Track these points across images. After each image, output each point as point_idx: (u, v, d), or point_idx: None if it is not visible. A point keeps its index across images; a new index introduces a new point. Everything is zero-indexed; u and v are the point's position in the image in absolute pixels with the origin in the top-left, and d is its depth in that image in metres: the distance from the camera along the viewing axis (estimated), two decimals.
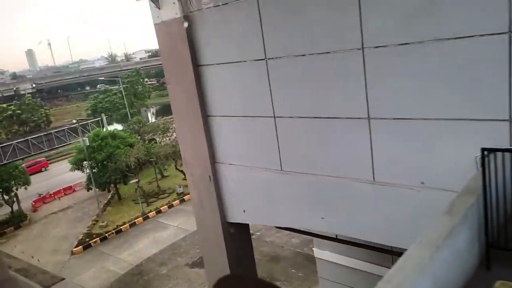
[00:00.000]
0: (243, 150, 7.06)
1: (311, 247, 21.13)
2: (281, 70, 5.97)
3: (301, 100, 5.88)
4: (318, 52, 5.39)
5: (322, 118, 5.67)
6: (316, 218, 6.24)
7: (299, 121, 6.01)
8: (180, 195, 31.19)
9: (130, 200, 32.03)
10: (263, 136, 6.52)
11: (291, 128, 6.18)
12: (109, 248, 24.84)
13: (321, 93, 5.60)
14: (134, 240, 25.21)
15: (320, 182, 6.01)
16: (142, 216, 28.38)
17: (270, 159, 6.54)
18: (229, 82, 6.82)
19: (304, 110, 5.89)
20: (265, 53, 5.93)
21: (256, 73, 6.22)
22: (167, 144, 31.87)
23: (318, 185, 6.07)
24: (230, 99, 6.91)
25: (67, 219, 31.51)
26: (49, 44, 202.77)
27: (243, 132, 6.94)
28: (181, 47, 7.05)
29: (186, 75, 7.21)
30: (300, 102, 5.90)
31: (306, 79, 5.73)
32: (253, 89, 6.43)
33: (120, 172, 29.79)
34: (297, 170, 6.28)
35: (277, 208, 6.87)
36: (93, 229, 27.63)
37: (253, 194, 7.17)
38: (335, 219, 6.03)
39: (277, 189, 6.68)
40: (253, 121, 6.60)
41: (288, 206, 6.65)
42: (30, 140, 32.52)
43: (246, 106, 6.72)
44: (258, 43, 5.98)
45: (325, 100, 5.61)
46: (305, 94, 5.78)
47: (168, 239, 24.24)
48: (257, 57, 6.09)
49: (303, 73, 5.75)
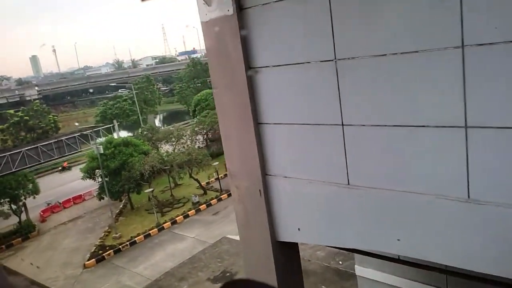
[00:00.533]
0: (301, 162, 6.52)
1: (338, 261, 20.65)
2: (354, 72, 5.42)
3: (378, 106, 5.31)
4: (403, 51, 4.84)
5: (405, 126, 5.10)
6: (389, 240, 5.66)
7: (374, 130, 5.44)
8: (195, 204, 30.75)
9: (143, 210, 31.65)
10: (327, 146, 5.98)
11: (363, 137, 5.61)
12: (124, 261, 24.40)
13: (405, 98, 5.04)
14: (150, 253, 24.75)
15: (397, 199, 5.43)
16: (157, 227, 27.91)
17: (334, 172, 5.99)
18: (287, 86, 6.29)
19: (381, 118, 5.32)
20: (334, 54, 5.41)
21: (321, 76, 5.69)
22: (182, 152, 31.46)
23: (394, 202, 5.49)
24: (287, 105, 6.38)
25: (78, 229, 31.19)
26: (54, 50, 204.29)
27: (301, 142, 6.40)
28: (233, 48, 6.56)
29: (237, 78, 6.69)
30: (377, 108, 5.32)
31: (386, 82, 5.17)
32: (316, 94, 5.90)
33: (134, 181, 29.42)
34: (369, 184, 5.71)
35: (340, 227, 6.31)
36: (106, 241, 27.23)
37: (311, 210, 6.62)
38: (416, 241, 5.44)
39: (342, 206, 6.12)
40: (314, 129, 6.06)
41: (354, 225, 6.09)
42: (40, 147, 32.31)
43: (306, 112, 6.18)
44: (326, 42, 5.45)
45: (409, 107, 5.04)
46: (384, 99, 5.22)
47: (186, 252, 23.73)
48: (324, 58, 5.56)
49: (383, 76, 5.18)
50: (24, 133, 53.88)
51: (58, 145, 33.30)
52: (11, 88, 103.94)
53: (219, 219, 28.19)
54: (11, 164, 30.65)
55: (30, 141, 51.15)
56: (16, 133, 53.31)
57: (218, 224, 27.42)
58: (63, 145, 33.56)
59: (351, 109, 5.55)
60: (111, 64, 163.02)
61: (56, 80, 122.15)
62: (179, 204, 31.68)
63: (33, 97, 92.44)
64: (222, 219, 28.09)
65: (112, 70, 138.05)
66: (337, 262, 19.37)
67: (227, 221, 27.60)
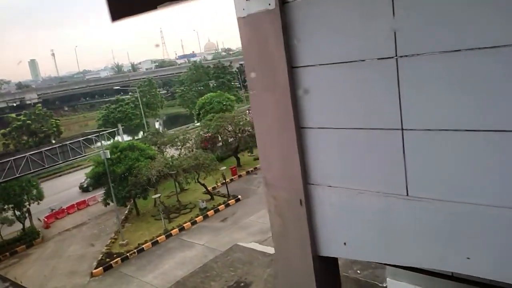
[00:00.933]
0: (349, 170, 5.97)
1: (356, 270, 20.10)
2: (418, 71, 4.88)
3: (449, 108, 4.76)
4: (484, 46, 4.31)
5: (483, 131, 4.56)
6: (457, 258, 5.11)
7: (442, 135, 4.90)
8: (203, 210, 30.20)
9: (150, 216, 31.16)
10: (382, 153, 5.43)
11: (427, 143, 5.06)
12: (132, 269, 23.85)
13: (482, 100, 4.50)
14: (159, 261, 24.19)
15: (469, 213, 4.89)
16: (164, 234, 27.36)
17: (390, 182, 5.44)
18: (336, 87, 5.75)
19: (453, 122, 4.78)
20: (395, 50, 4.88)
21: (378, 76, 5.16)
22: (189, 157, 30.95)
23: (466, 217, 4.94)
24: (336, 108, 5.83)
25: (83, 236, 30.67)
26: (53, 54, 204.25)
27: (351, 148, 5.85)
28: (274, 46, 6.02)
29: (277, 78, 6.15)
30: (448, 111, 4.78)
31: (459, 82, 4.63)
32: (371, 96, 5.35)
33: (140, 186, 28.90)
34: (433, 196, 5.16)
35: (395, 243, 5.75)
36: (113, 248, 26.68)
37: (360, 223, 6.07)
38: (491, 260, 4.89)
39: (398, 219, 5.57)
40: (368, 134, 5.53)
41: (414, 241, 5.53)
42: (44, 152, 31.81)
43: (358, 116, 5.64)
44: (385, 37, 4.92)
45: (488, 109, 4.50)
46: (456, 101, 4.68)
47: (196, 260, 23.17)
48: (382, 55, 5.03)
49: (455, 75, 4.64)
50: (26, 137, 53.45)
51: (62, 150, 32.81)
52: (11, 92, 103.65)
53: (228, 226, 27.65)
54: (15, 169, 30.14)
55: (32, 145, 50.69)
56: (18, 137, 52.93)
57: (227, 231, 26.88)
58: (68, 149, 33.04)
59: (414, 112, 4.99)
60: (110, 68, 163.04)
61: (56, 84, 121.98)
62: (186, 210, 31.13)
63: (33, 101, 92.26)
64: (231, 226, 27.55)
65: (112, 74, 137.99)
66: (355, 271, 18.83)
67: (236, 228, 27.08)
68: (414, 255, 5.67)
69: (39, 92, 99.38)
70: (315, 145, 6.36)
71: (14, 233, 30.99)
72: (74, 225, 33.03)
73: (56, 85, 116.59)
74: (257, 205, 30.21)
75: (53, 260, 27.09)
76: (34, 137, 53.71)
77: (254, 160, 41.74)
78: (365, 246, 6.30)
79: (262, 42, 6.50)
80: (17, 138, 53.15)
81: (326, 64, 5.82)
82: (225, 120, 38.23)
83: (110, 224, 31.77)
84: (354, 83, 5.52)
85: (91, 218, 33.90)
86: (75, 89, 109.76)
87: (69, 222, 33.79)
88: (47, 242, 30.76)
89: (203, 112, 45.86)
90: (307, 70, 6.08)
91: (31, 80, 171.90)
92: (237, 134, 38.70)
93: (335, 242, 6.81)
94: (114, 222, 31.69)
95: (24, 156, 30.89)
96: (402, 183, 5.36)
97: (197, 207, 30.94)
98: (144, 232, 28.31)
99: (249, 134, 38.89)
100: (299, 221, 7.09)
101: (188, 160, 30.25)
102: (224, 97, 47.38)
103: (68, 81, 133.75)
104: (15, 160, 30.47)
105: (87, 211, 35.68)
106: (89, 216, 34.48)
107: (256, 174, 38.19)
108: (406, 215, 5.43)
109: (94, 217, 34.05)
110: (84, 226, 32.64)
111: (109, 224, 31.71)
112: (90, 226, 32.51)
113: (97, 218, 33.72)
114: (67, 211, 35.63)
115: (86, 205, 36.67)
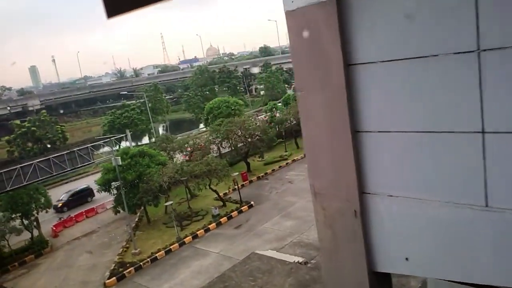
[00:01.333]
0: (414, 178, 5.47)
1: None
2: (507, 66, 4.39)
3: None
4: None
5: None
6: None
7: None
8: (216, 217, 29.71)
9: (161, 223, 30.71)
10: (456, 159, 4.93)
11: None
12: (147, 279, 23.37)
13: None
14: (174, 270, 23.69)
15: None
16: (178, 242, 26.88)
17: (465, 191, 4.95)
18: (400, 86, 5.24)
19: None
20: (477, 42, 4.40)
21: (455, 72, 4.67)
22: (201, 162, 30.48)
23: None
24: (399, 109, 5.33)
25: (93, 245, 30.22)
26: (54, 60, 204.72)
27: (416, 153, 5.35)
28: (328, 41, 5.52)
29: (331, 77, 5.65)
30: None
31: None
32: (445, 95, 4.87)
33: (152, 193, 28.44)
34: None
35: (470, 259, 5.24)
36: (125, 257, 26.20)
37: (426, 237, 5.56)
38: None
39: (474, 233, 5.07)
40: (438, 137, 5.04)
41: (491, 257, 5.03)
42: (51, 159, 31.39)
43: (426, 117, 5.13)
44: (465, 27, 4.45)
45: None
46: None
47: (212, 269, 22.67)
48: (460, 49, 4.54)
49: None
50: (31, 144, 53.10)
51: (70, 157, 32.36)
52: (12, 98, 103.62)
53: (243, 233, 27.15)
54: (22, 177, 29.73)
55: (38, 152, 50.37)
56: (23, 144, 52.62)
57: (241, 238, 26.38)
58: (76, 156, 32.61)
59: (499, 113, 4.49)
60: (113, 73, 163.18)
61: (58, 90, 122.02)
62: (198, 217, 30.66)
63: (36, 107, 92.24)
64: (245, 233, 27.05)
65: (114, 80, 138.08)
66: None
67: (251, 235, 26.59)
68: (491, 272, 5.13)
69: (42, 98, 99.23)
70: (373, 151, 5.81)
71: (22, 242, 30.52)
72: (83, 234, 32.60)
73: (59, 91, 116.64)
74: (271, 212, 29.75)
75: (64, 270, 26.63)
76: (39, 144, 53.38)
77: (264, 165, 41.33)
78: (432, 262, 5.74)
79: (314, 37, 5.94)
80: (21, 145, 52.83)
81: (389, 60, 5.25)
82: (235, 124, 37.80)
83: (120, 232, 31.33)
84: (423, 81, 4.98)
85: (101, 226, 33.47)
86: (78, 95, 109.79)
87: (78, 231, 33.38)
88: (56, 251, 30.33)
89: (211, 117, 45.50)
90: (366, 68, 5.52)
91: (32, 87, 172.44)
92: (247, 139, 38.26)
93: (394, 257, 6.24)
94: (124, 230, 31.27)
95: (31, 164, 30.50)
96: (480, 192, 4.82)
97: (209, 214, 30.47)
98: (157, 240, 27.85)
99: (259, 138, 38.47)
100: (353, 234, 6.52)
101: (200, 166, 29.79)
102: (233, 102, 47.00)
103: (70, 87, 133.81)
104: (22, 167, 30.09)
105: (96, 219, 35.26)
106: (98, 224, 34.06)
107: (267, 180, 37.73)
108: (484, 228, 4.90)
109: (104, 225, 33.63)
110: (93, 235, 32.21)
111: (119, 232, 31.26)
112: (99, 234, 32.06)
113: (106, 226, 33.29)
114: (76, 219, 35.22)
115: (94, 213, 36.30)
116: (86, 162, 33.77)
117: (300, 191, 32.45)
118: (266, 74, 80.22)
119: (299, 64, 6.79)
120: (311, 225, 26.14)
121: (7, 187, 29.10)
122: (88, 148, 33.68)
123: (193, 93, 71.53)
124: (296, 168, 39.41)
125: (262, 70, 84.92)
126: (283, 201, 31.36)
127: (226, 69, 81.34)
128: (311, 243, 23.66)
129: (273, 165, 40.96)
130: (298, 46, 6.55)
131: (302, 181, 35.05)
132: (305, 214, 28.17)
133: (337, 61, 5.77)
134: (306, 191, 32.97)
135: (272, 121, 43.51)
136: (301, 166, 40.00)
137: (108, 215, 34.52)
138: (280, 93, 78.94)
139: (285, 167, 40.44)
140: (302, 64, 6.72)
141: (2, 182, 28.84)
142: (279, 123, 43.39)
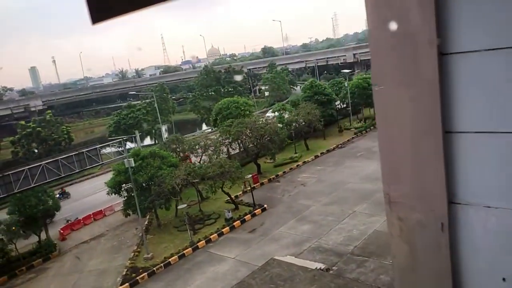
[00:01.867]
0: None
1: None
2: None
3: None
4: None
5: None
6: None
7: None
8: (229, 221, 28.95)
9: (172, 227, 29.93)
10: None
11: None
12: (161, 285, 22.67)
13: None
14: (188, 276, 22.94)
15: None
16: (191, 246, 26.07)
17: None
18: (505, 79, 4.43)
19: None
20: None
21: None
22: (214, 164, 29.68)
23: None
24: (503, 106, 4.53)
25: (102, 249, 29.48)
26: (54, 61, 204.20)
27: None
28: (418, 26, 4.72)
29: (420, 69, 4.84)
30: None
31: None
32: None
33: (164, 195, 27.66)
34: None
35: None
36: (137, 262, 25.43)
37: None
38: None
39: None
40: None
41: None
42: (60, 160, 30.63)
43: None
44: None
45: None
46: None
47: (229, 275, 21.90)
48: None
49: None
50: (36, 144, 52.26)
51: (79, 158, 31.62)
52: (14, 99, 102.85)
53: (257, 238, 26.37)
54: (30, 179, 28.97)
55: (42, 153, 49.56)
56: (28, 144, 51.80)
57: (257, 243, 25.61)
58: (84, 157, 31.86)
59: None
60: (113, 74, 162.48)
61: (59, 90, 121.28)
62: (210, 220, 29.89)
63: (38, 107, 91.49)
64: (260, 238, 26.27)
65: (116, 80, 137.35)
66: None
67: (266, 239, 25.82)
68: None
69: (44, 99, 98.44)
70: (468, 154, 4.94)
71: (29, 246, 29.79)
72: (91, 237, 31.89)
73: (60, 91, 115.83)
74: (285, 215, 28.97)
75: (74, 276, 25.93)
76: (44, 144, 52.55)
77: (274, 167, 40.50)
78: None
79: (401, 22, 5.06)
80: (26, 146, 52.01)
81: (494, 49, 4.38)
82: (246, 125, 36.99)
83: (130, 235, 30.60)
84: None
85: (109, 229, 32.75)
86: (80, 95, 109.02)
87: (86, 234, 32.67)
88: (64, 255, 29.65)
89: (220, 118, 44.68)
90: (464, 57, 4.64)
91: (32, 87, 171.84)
92: (257, 140, 37.46)
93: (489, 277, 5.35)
94: (134, 233, 30.57)
95: (39, 165, 29.76)
96: None
97: (222, 217, 29.73)
98: (169, 245, 27.10)
99: (270, 139, 37.65)
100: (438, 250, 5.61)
101: (213, 167, 29.02)
102: (242, 102, 46.18)
103: (71, 87, 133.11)
104: (30, 169, 29.35)
105: (104, 222, 34.51)
106: (107, 227, 33.33)
107: (278, 182, 36.93)
108: None
109: (112, 228, 32.90)
110: (102, 238, 31.46)
111: (128, 236, 30.52)
112: (108, 237, 31.33)
113: (115, 229, 32.55)
114: (84, 222, 34.45)
115: (103, 215, 35.53)
116: (95, 164, 33.04)
117: (314, 194, 31.68)
118: (271, 75, 79.43)
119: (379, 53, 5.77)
120: (328, 229, 25.38)
121: (14, 189, 28.37)
122: (96, 149, 32.94)
123: (199, 94, 70.77)
124: (307, 170, 38.62)
125: (268, 71, 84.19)
126: (297, 204, 30.57)
127: (232, 69, 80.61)
128: (330, 248, 22.88)
129: (283, 167, 40.17)
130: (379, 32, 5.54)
131: (315, 184, 34.29)
132: (321, 218, 27.40)
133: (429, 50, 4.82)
134: (320, 194, 32.03)
135: (281, 122, 42.75)
136: (312, 168, 39.23)
137: (116, 217, 33.81)
138: (285, 94, 78.26)
139: (296, 169, 39.65)
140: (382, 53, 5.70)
141: (10, 184, 28.11)
142: (288, 124, 42.60)
